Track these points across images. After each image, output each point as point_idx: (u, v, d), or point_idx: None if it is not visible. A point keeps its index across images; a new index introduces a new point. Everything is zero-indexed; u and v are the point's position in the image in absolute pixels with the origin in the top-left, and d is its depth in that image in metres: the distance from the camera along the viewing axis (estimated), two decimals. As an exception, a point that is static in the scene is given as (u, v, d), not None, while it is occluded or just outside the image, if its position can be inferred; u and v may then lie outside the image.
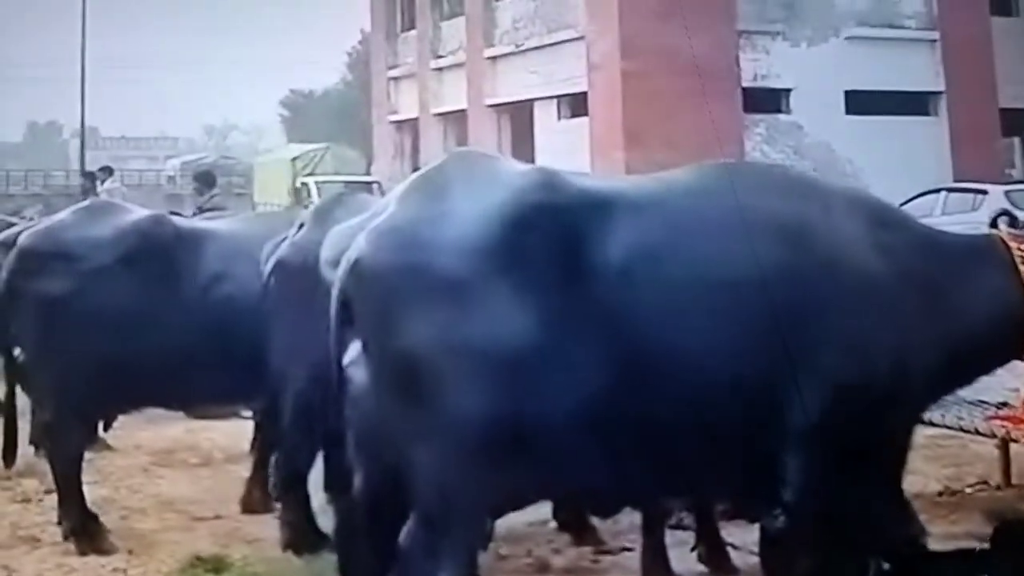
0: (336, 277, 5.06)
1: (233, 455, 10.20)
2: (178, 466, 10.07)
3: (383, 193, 37.76)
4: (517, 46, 35.65)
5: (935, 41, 34.23)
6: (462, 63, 38.38)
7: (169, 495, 9.05)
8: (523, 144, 35.47)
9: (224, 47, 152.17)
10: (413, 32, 42.19)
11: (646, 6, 28.82)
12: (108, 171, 26.90)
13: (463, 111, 38.20)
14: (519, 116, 36.14)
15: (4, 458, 8.09)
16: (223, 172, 58.33)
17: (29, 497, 8.92)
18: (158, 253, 7.71)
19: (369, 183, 39.36)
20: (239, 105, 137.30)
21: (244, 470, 9.57)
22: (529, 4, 35.64)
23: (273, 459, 7.91)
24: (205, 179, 18.92)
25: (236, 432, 10.32)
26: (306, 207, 32.72)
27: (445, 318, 4.77)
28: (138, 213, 8.11)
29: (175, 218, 8.19)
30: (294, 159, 46.26)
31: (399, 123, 43.20)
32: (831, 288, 5.05)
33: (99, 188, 24.80)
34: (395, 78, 43.51)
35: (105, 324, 7.50)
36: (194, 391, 7.99)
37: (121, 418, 9.15)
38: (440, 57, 40.20)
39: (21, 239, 7.87)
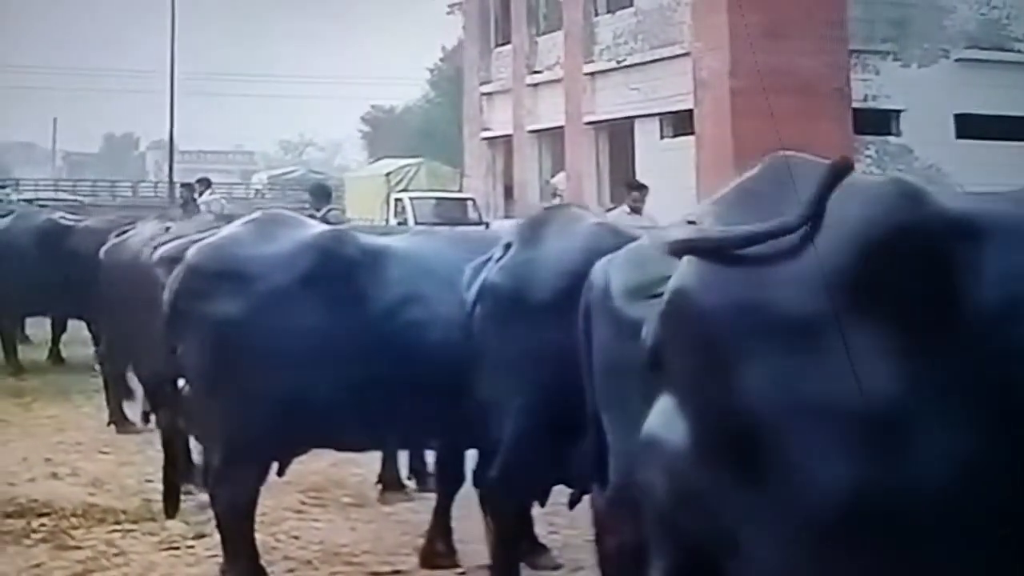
0: (643, 313, 4.21)
1: (387, 495, 9.51)
2: (332, 506, 9.33)
3: (478, 210, 37.48)
4: (618, 62, 34.74)
5: (1043, 66, 33.19)
6: (559, 79, 37.48)
7: (333, 542, 8.28)
8: (622, 162, 34.63)
9: (300, 64, 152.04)
10: (507, 47, 41.38)
11: (756, 24, 27.94)
12: (206, 182, 26.28)
13: (559, 128, 37.33)
14: (618, 134, 35.26)
15: (166, 506, 7.33)
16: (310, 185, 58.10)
17: (176, 544, 8.17)
18: (342, 273, 6.84)
19: (464, 199, 38.77)
20: (315, 121, 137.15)
21: (406, 512, 8.91)
22: (631, 19, 34.76)
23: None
24: (321, 192, 18.18)
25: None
26: (401, 223, 32.63)
27: (790, 368, 3.80)
28: (315, 227, 7.28)
29: (358, 234, 7.29)
30: (388, 174, 45.54)
31: (491, 139, 42.42)
32: None
33: (198, 200, 24.22)
34: (488, 94, 42.72)
35: (285, 352, 6.67)
36: (381, 428, 7.12)
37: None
38: (536, 73, 39.33)
39: (190, 255, 6.99)
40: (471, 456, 7.41)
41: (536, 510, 7.38)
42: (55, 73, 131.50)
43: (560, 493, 6.72)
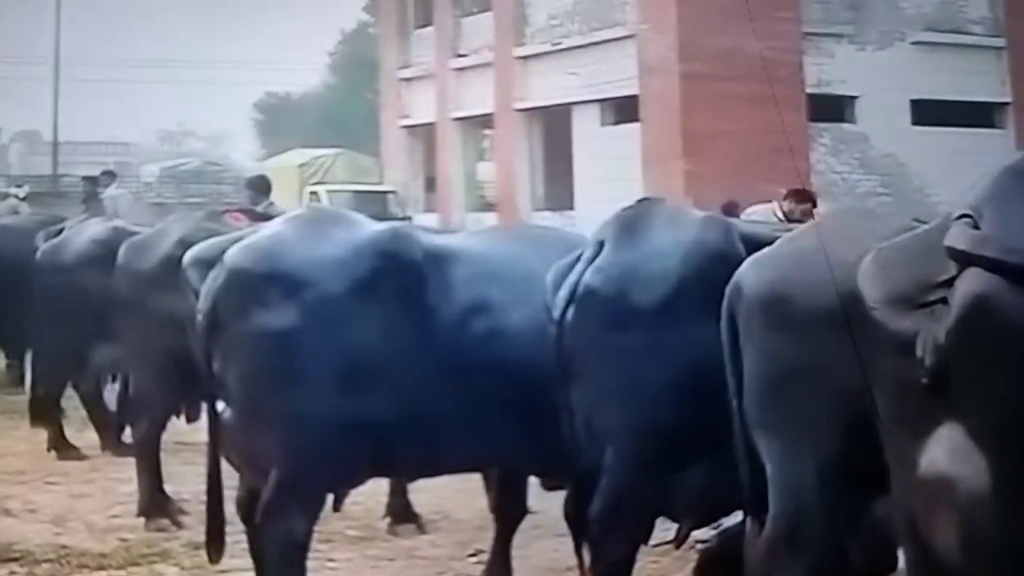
0: (903, 326, 3.82)
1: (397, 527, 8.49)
2: (339, 540, 8.09)
3: (400, 203, 35.48)
4: (554, 45, 33.16)
5: (1001, 49, 32.30)
6: (488, 63, 35.77)
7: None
8: (558, 151, 33.16)
9: (177, 48, 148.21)
10: (429, 29, 39.45)
11: (706, 4, 26.51)
12: (111, 175, 24.63)
13: (488, 115, 35.63)
14: (554, 121, 33.67)
15: (210, 550, 6.33)
16: (210, 179, 55.42)
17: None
18: (407, 277, 6.10)
19: (384, 193, 36.83)
20: (194, 109, 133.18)
21: (427, 547, 8.18)
22: (567, 0, 33.12)
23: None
24: (260, 186, 16.33)
25: (430, 488, 8.34)
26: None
27: None
28: (368, 225, 6.46)
29: (420, 233, 6.49)
30: (300, 165, 43.21)
31: (412, 128, 40.47)
32: None
33: (102, 194, 22.36)
34: (407, 79, 40.68)
35: (346, 368, 5.94)
36: (452, 452, 6.27)
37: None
38: (461, 56, 37.56)
39: (230, 257, 6.11)
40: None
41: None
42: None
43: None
